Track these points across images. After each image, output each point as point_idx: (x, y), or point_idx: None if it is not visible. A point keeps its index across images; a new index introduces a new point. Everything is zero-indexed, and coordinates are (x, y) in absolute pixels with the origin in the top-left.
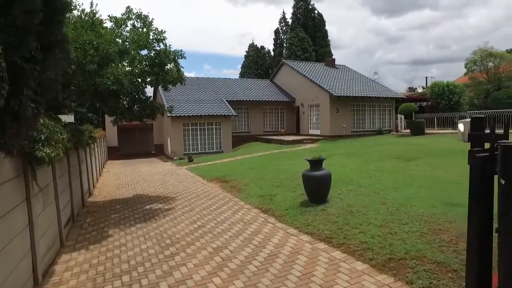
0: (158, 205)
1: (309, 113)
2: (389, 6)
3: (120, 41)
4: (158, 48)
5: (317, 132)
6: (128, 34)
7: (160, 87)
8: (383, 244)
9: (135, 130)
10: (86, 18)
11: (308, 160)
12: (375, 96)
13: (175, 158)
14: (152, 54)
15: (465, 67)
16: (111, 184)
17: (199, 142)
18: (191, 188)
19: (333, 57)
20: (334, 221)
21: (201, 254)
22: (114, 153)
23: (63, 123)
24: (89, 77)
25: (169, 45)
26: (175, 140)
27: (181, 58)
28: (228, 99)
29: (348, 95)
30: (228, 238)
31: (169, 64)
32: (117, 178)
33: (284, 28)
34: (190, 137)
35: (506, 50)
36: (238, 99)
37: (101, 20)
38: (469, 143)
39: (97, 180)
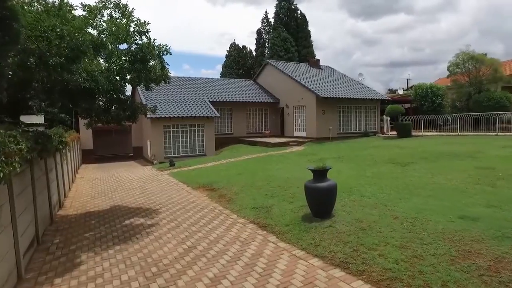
0: (140, 219)
1: (294, 114)
2: (366, 9)
3: (95, 32)
4: (140, 42)
5: (303, 134)
6: (105, 25)
7: (140, 86)
8: (412, 271)
9: (112, 131)
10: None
11: (312, 170)
12: (361, 98)
13: (155, 162)
14: (133, 49)
15: (448, 70)
16: (85, 192)
17: (180, 145)
18: (176, 197)
19: (316, 57)
20: (346, 240)
21: None
22: (89, 156)
23: (24, 128)
24: (55, 72)
25: (153, 39)
26: (156, 143)
27: (166, 54)
28: (211, 100)
29: (334, 96)
30: (225, 264)
31: (152, 60)
32: (92, 186)
33: (267, 28)
34: (172, 140)
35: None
36: (220, 100)
37: (72, 5)
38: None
39: (69, 188)
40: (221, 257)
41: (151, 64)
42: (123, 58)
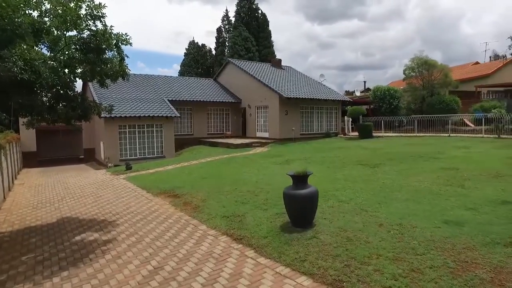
0: (93, 234)
1: (256, 114)
2: (321, 13)
3: (35, 14)
4: (94, 28)
5: (265, 134)
6: (48, 5)
7: (93, 82)
8: None
9: (59, 131)
10: None
11: (292, 176)
12: (323, 99)
13: (109, 165)
14: (85, 36)
15: (404, 73)
16: (25, 202)
17: (137, 146)
18: (134, 206)
19: (276, 58)
20: (334, 253)
21: None
22: (31, 160)
23: None
24: None
25: (110, 26)
26: (110, 144)
27: (126, 45)
28: (170, 99)
29: (298, 96)
30: None
31: (109, 51)
32: (34, 194)
33: (227, 26)
34: (128, 141)
35: None
36: (180, 99)
37: None
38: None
39: (4, 198)
40: (195, 279)
41: (107, 55)
42: (73, 47)
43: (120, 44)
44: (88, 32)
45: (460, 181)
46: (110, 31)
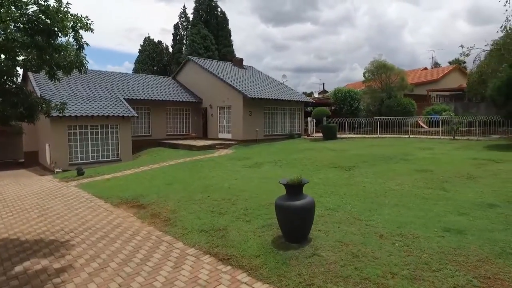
0: (41, 261)
1: (218, 115)
2: (276, 16)
3: None
4: (43, 3)
5: (228, 136)
6: None
7: (38, 73)
8: None
9: None
10: None
11: (285, 185)
12: (287, 99)
13: (57, 170)
14: (30, 12)
15: (363, 76)
16: None
17: (90, 149)
18: (92, 220)
19: (238, 57)
20: (343, 275)
21: None
22: None
23: None
24: None
25: (67, 2)
26: (58, 147)
27: (86, 30)
28: (126, 97)
29: (262, 97)
30: None
31: (63, 35)
32: None
33: (185, 23)
34: (79, 143)
35: None
36: (137, 98)
37: None
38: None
39: None
40: None
41: (61, 41)
42: (12, 26)
43: (78, 28)
44: (36, 8)
45: (438, 183)
46: (66, 9)
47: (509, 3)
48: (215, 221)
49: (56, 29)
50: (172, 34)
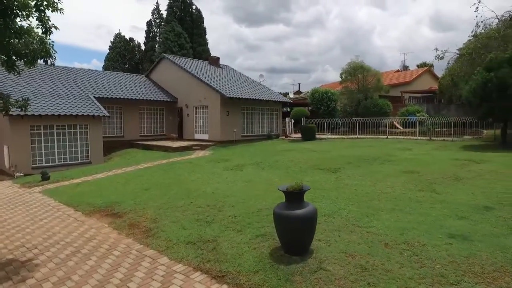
0: None
1: (195, 115)
2: (249, 16)
3: None
4: None
5: (205, 137)
6: None
7: None
8: None
9: None
10: None
11: (285, 192)
12: (265, 99)
13: (17, 174)
14: None
15: (340, 76)
16: None
17: (56, 151)
18: (60, 232)
19: (214, 56)
20: None
21: None
22: None
23: None
24: None
25: None
26: (18, 149)
27: (54, 11)
28: (96, 96)
29: (240, 97)
30: None
31: (24, 16)
32: None
33: (158, 21)
34: (43, 145)
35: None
36: (108, 96)
37: None
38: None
39: None
40: None
41: (21, 24)
42: None
43: (44, 7)
44: None
45: (428, 185)
46: None
47: (477, 11)
48: (202, 231)
49: (14, 7)
50: (145, 31)
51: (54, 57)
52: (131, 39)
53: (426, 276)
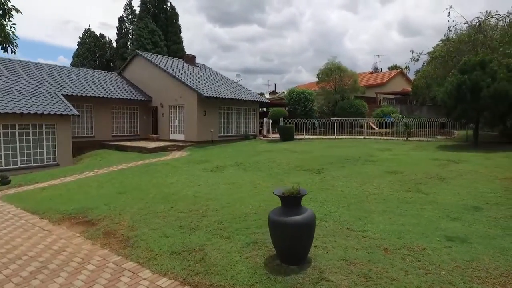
0: None
1: (170, 115)
2: (223, 16)
3: None
4: None
5: (181, 137)
6: None
7: None
8: None
9: None
10: None
11: (281, 197)
12: (243, 99)
13: None
14: None
15: (317, 77)
16: None
17: (18, 152)
18: (23, 244)
19: (190, 54)
20: None
21: None
22: None
23: None
24: None
25: None
26: None
27: None
28: (64, 93)
29: (217, 96)
30: None
31: None
32: None
33: (130, 17)
34: (3, 145)
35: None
36: (78, 94)
37: None
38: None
39: None
40: None
41: None
42: None
43: None
44: None
45: (413, 185)
46: None
47: (449, 16)
48: (187, 239)
49: None
50: (117, 27)
51: (15, 44)
52: (102, 35)
53: (434, 283)
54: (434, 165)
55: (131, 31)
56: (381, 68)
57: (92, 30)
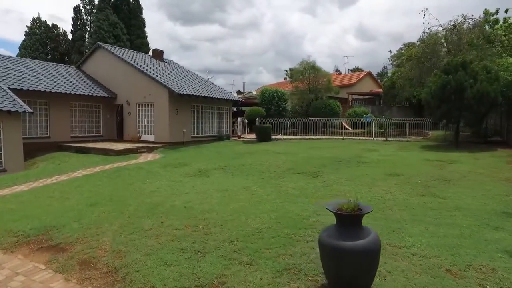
0: None
1: (138, 113)
2: (184, 15)
3: None
4: None
5: (151, 138)
6: None
7: None
8: None
9: None
10: None
11: (337, 215)
12: (216, 97)
13: None
14: None
15: (290, 77)
16: None
17: None
18: None
19: (158, 49)
20: None
21: None
22: None
23: None
24: None
25: None
26: None
27: None
28: (12, 87)
29: (191, 93)
30: None
31: None
32: None
33: (88, 7)
34: None
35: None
36: (29, 89)
37: None
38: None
39: None
40: None
41: None
42: None
43: None
44: None
45: (424, 189)
46: None
47: (424, 18)
48: (197, 269)
49: None
50: (72, 17)
51: None
52: (55, 26)
53: None
54: (431, 166)
55: (89, 22)
56: (337, 70)
57: (43, 19)
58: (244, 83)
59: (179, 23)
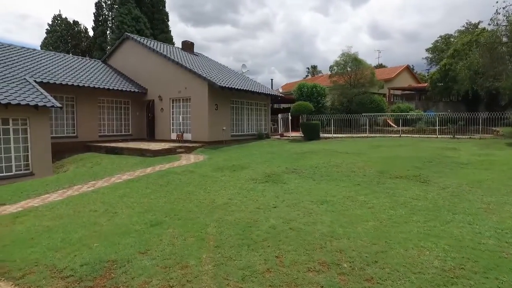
0: None
1: (171, 110)
2: (196, 16)
3: None
4: None
5: (187, 136)
6: None
7: None
8: None
9: None
10: None
11: None
12: (257, 92)
13: None
14: None
15: (330, 70)
16: None
17: None
18: None
19: (188, 41)
20: None
21: None
22: None
23: None
24: None
25: None
26: None
27: None
28: (38, 81)
29: (233, 87)
30: None
31: None
32: None
33: (110, 2)
34: None
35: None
36: (56, 82)
37: None
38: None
39: None
40: None
41: None
42: None
43: None
44: None
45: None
46: None
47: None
48: None
49: None
50: (94, 14)
51: None
52: (76, 23)
53: None
54: None
55: (110, 18)
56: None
57: (64, 16)
58: (272, 79)
59: (191, 24)
